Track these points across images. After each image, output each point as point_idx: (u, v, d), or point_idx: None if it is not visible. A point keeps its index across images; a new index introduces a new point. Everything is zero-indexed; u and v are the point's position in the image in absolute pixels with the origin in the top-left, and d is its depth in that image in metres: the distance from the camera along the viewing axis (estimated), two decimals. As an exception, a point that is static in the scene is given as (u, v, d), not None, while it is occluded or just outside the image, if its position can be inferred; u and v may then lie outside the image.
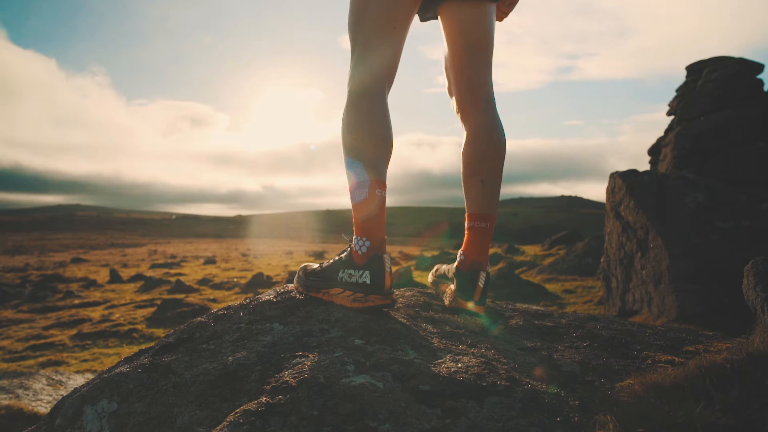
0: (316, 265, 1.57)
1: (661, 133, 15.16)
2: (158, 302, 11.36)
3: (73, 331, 9.06)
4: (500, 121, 1.70)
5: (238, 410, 0.98)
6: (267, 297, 1.59)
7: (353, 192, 1.46)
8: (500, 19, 1.90)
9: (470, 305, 1.59)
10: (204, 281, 16.30)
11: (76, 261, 27.81)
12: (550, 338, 1.51)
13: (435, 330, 1.39)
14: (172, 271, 20.43)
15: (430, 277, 1.88)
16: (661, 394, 0.97)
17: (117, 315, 10.38)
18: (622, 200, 5.14)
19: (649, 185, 4.88)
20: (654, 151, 15.38)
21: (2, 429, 3.32)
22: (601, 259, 6.57)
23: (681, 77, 15.63)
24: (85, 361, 7.39)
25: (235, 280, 16.91)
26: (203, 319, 1.53)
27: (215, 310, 1.60)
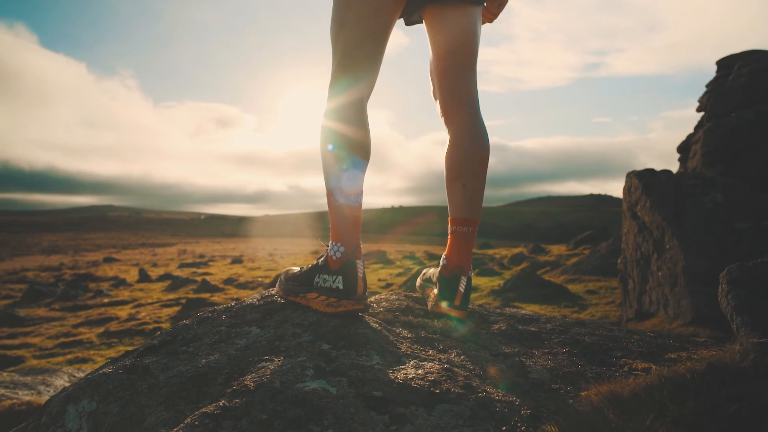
0: (297, 269, 1.59)
1: (692, 130, 14.78)
2: (183, 301, 11.60)
3: (101, 329, 9.31)
4: (483, 125, 1.69)
5: (197, 413, 1.00)
6: (251, 301, 1.62)
7: (329, 197, 1.48)
8: (490, 20, 1.88)
9: (450, 309, 1.59)
10: (229, 281, 16.56)
11: (108, 260, 28.55)
12: (530, 344, 1.50)
13: (409, 335, 1.40)
14: (199, 271, 20.80)
15: (418, 281, 1.89)
16: (618, 404, 0.96)
17: (143, 314, 10.63)
18: (638, 200, 5.03)
19: (666, 185, 4.76)
20: (683, 148, 15.00)
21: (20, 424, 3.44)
22: (618, 260, 6.45)
23: (711, 72, 15.20)
24: (110, 358, 7.62)
25: (260, 279, 17.14)
26: (188, 322, 1.57)
27: (200, 312, 1.63)
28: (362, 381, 1.04)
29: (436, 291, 1.66)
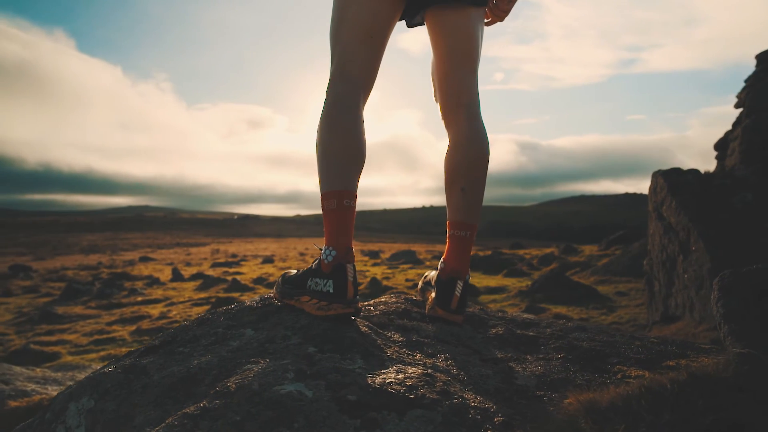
0: (294, 272, 1.61)
1: (730, 127, 14.27)
2: (213, 300, 11.83)
3: (133, 327, 9.58)
4: (484, 129, 1.68)
5: (179, 413, 1.03)
6: (250, 303, 1.64)
7: (322, 201, 1.50)
8: (501, 18, 1.85)
9: (446, 314, 1.58)
10: (259, 280, 16.79)
11: (144, 260, 29.31)
12: (525, 348, 1.49)
13: (400, 339, 1.40)
14: (231, 270, 21.15)
15: (419, 284, 1.89)
16: (594, 413, 0.95)
17: (174, 312, 10.89)
18: (663, 200, 4.89)
19: (693, 184, 4.61)
20: (721, 145, 14.51)
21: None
22: (644, 262, 6.29)
23: (751, 67, 14.65)
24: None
25: (290, 279, 17.33)
26: (189, 323, 1.61)
27: (203, 313, 1.67)
28: (340, 385, 1.05)
29: (433, 295, 1.66)
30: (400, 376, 1.10)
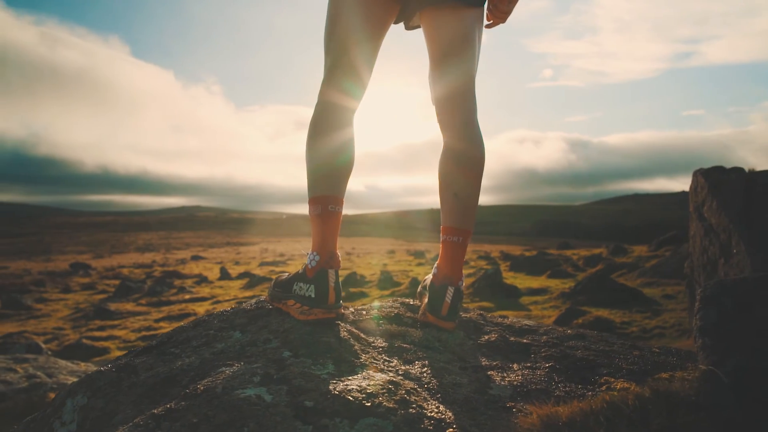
0: (286, 275, 1.63)
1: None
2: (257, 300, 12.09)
3: (179, 325, 9.92)
4: (479, 133, 1.65)
5: (148, 413, 1.06)
6: (245, 305, 1.68)
7: (309, 206, 1.50)
8: (503, 20, 1.81)
9: (437, 320, 1.56)
10: (303, 279, 17.07)
11: (195, 258, 30.30)
12: (514, 356, 1.46)
13: (382, 344, 1.40)
14: (277, 269, 21.56)
15: (418, 288, 1.87)
16: (551, 428, 0.92)
17: (219, 310, 11.20)
18: (704, 201, 4.64)
19: (735, 184, 4.35)
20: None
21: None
22: (685, 264, 6.01)
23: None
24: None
25: (333, 278, 17.53)
26: (186, 324, 1.65)
27: (202, 315, 1.71)
28: (301, 390, 1.06)
29: (426, 300, 1.64)
30: (365, 383, 1.10)
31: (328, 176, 1.49)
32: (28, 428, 1.47)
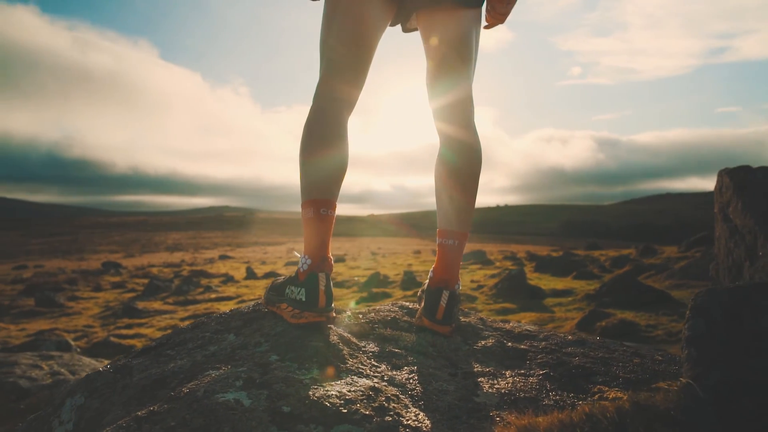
0: (282, 279, 1.64)
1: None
2: (280, 298, 12.19)
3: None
4: (476, 135, 1.63)
5: (133, 415, 1.08)
6: (243, 308, 1.69)
7: (302, 210, 1.50)
8: (501, 21, 1.78)
9: (432, 324, 1.55)
10: (327, 279, 17.14)
11: (223, 258, 30.74)
12: (509, 363, 1.43)
13: (373, 349, 1.39)
14: (302, 269, 21.68)
15: (419, 291, 1.86)
16: (528, 437, 0.90)
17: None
18: (729, 201, 4.50)
19: (762, 184, 4.20)
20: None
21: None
22: (710, 266, 5.83)
23: None
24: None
25: (356, 278, 17.56)
26: (185, 326, 1.67)
27: (203, 316, 1.73)
28: (281, 395, 1.06)
29: (422, 304, 1.63)
30: (345, 389, 1.09)
31: (320, 180, 1.49)
32: (30, 426, 1.51)
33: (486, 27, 1.78)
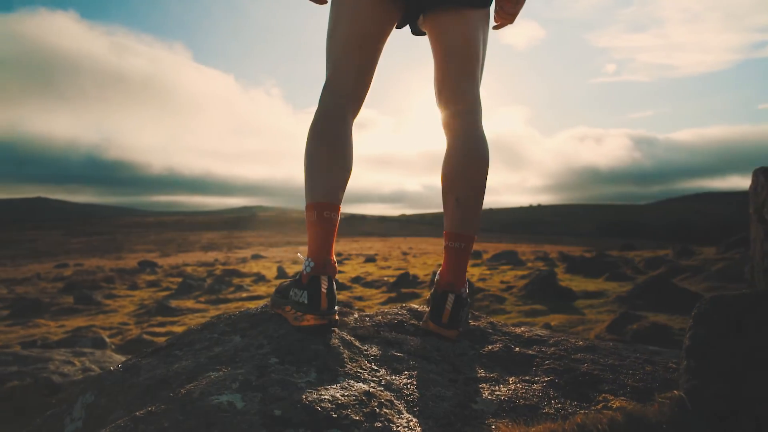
0: (288, 281, 1.64)
1: None
2: (308, 298, 12.29)
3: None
4: (482, 136, 1.60)
5: (132, 415, 1.10)
6: (251, 310, 1.70)
7: (305, 213, 1.51)
8: (510, 21, 1.76)
9: (438, 328, 1.53)
10: (357, 279, 17.16)
11: (256, 257, 31.18)
12: (514, 369, 1.40)
13: (376, 352, 1.38)
14: (332, 269, 21.79)
15: (428, 295, 1.84)
16: (517, 447, 0.87)
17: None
18: (765, 201, 4.32)
19: (800, 184, 4.02)
20: None
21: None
22: (746, 269, 5.61)
23: None
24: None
25: (386, 278, 17.57)
26: (195, 326, 1.70)
27: (211, 318, 1.75)
28: (274, 398, 1.06)
29: (429, 308, 1.61)
30: (339, 393, 1.09)
31: (324, 183, 1.49)
32: (45, 422, 1.56)
33: (495, 27, 1.76)
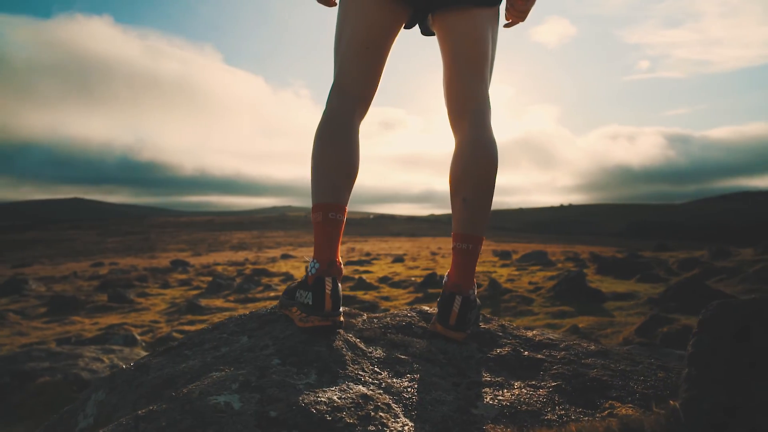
0: (295, 283, 1.65)
1: None
2: (334, 298, 12.37)
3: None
4: (490, 136, 1.58)
5: (135, 413, 1.12)
6: (261, 310, 1.72)
7: (311, 214, 1.51)
8: (521, 19, 1.74)
9: (445, 330, 1.52)
10: (384, 279, 17.16)
11: (285, 257, 31.50)
12: (521, 373, 1.38)
13: (380, 354, 1.37)
14: (361, 269, 21.88)
15: (439, 297, 1.82)
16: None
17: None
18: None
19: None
20: None
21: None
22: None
23: None
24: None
25: (413, 279, 17.53)
26: (207, 326, 1.72)
27: (225, 318, 1.77)
28: (271, 399, 1.06)
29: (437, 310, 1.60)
30: (336, 395, 1.08)
31: (330, 184, 1.49)
32: (62, 418, 1.60)
33: (506, 25, 1.74)
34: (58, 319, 10.64)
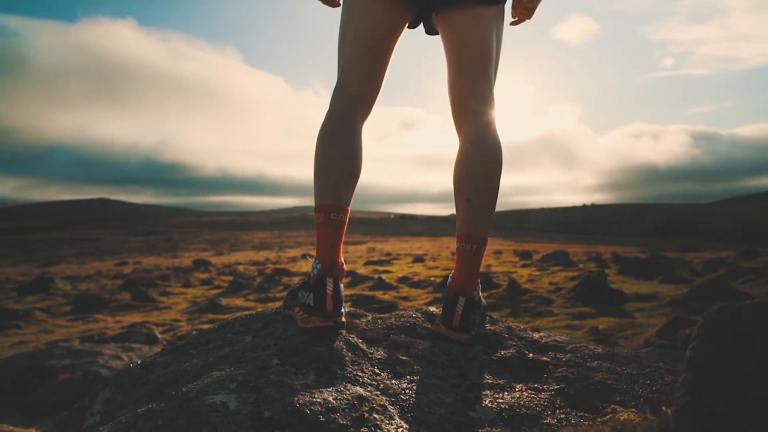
0: (298, 283, 1.65)
1: None
2: (354, 298, 12.42)
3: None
4: (495, 136, 1.56)
5: (134, 411, 1.13)
6: (266, 311, 1.73)
7: (314, 215, 1.51)
8: (528, 16, 1.72)
9: (448, 331, 1.50)
10: (404, 279, 17.14)
11: (306, 257, 31.69)
12: (524, 375, 1.36)
13: (381, 355, 1.37)
14: (381, 269, 21.90)
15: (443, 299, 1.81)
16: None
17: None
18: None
19: None
20: None
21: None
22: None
23: None
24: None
25: (433, 279, 17.47)
26: (213, 326, 1.73)
27: (232, 318, 1.79)
28: (267, 399, 1.07)
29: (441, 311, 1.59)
30: (332, 396, 1.08)
31: (332, 185, 1.49)
32: (71, 414, 1.63)
33: (512, 23, 1.72)
34: (82, 317, 10.86)
